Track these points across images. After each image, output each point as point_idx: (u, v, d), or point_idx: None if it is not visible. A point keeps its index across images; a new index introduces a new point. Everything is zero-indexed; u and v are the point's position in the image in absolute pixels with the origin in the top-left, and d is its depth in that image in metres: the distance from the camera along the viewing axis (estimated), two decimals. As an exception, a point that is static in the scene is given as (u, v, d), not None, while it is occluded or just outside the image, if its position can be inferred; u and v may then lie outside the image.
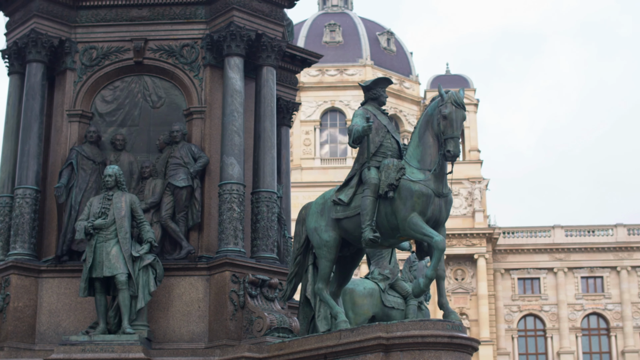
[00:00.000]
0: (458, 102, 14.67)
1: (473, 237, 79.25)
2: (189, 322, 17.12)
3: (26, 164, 17.89)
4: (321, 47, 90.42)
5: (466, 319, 78.18)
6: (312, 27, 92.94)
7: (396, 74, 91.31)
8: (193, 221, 17.70)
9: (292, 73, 21.49)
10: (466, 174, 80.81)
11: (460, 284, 79.34)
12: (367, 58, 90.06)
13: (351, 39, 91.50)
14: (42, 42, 18.32)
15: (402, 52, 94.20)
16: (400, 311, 22.05)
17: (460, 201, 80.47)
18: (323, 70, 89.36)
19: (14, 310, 17.13)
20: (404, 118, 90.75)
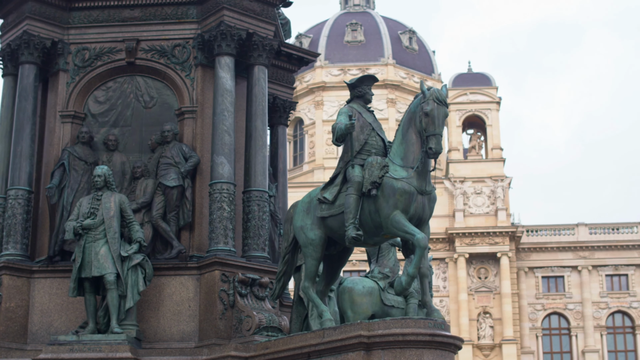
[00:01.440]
0: (440, 99, 14.61)
1: (496, 235, 78.86)
2: (180, 322, 17.14)
3: (18, 165, 17.99)
4: (343, 47, 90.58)
5: (489, 318, 77.90)
6: (334, 26, 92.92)
7: (418, 73, 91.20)
8: (184, 221, 17.73)
9: (289, 72, 21.50)
10: (489, 173, 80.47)
11: (483, 283, 79.01)
12: (389, 57, 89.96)
13: (373, 38, 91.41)
14: (34, 43, 18.40)
15: (424, 50, 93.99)
16: (400, 310, 21.95)
17: (483, 199, 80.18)
18: (345, 70, 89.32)
19: (6, 310, 17.23)
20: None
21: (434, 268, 79.65)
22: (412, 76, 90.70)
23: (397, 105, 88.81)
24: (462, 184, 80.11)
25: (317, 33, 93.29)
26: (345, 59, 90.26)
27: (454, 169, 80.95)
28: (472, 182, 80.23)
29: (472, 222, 79.44)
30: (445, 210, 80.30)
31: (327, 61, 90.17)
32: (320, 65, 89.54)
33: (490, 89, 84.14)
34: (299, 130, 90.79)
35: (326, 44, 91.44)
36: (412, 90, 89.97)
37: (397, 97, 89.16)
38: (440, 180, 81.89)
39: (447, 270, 79.60)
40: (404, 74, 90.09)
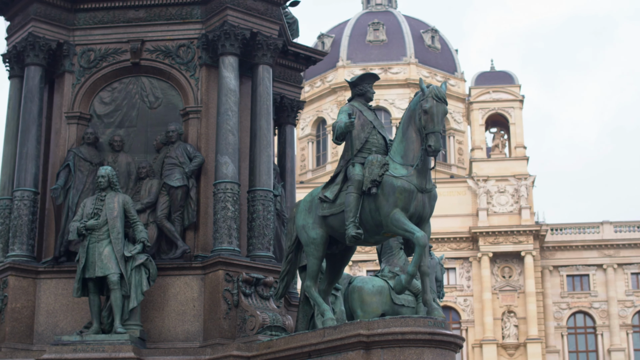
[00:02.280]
0: (439, 97, 14.52)
1: (520, 234, 78.57)
2: (184, 322, 17.15)
3: (24, 166, 18.04)
4: (365, 46, 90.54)
5: (514, 317, 77.61)
6: (356, 26, 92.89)
7: (441, 72, 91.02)
8: (189, 221, 17.72)
9: (297, 71, 21.53)
10: (512, 171, 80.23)
11: (507, 282, 78.73)
12: (411, 56, 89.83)
13: (395, 37, 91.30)
14: (39, 45, 18.46)
15: (447, 49, 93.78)
16: (411, 309, 21.87)
17: (507, 198, 79.89)
18: (367, 70, 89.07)
19: (12, 311, 17.29)
20: (450, 116, 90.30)
21: (458, 267, 79.52)
22: (434, 75, 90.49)
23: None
24: (485, 182, 79.86)
25: (339, 33, 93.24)
26: (367, 58, 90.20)
27: (477, 167, 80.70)
28: (495, 181, 79.96)
29: (495, 221, 79.16)
30: (469, 209, 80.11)
31: (349, 61, 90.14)
32: (343, 65, 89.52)
33: (513, 87, 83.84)
34: (321, 130, 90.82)
35: (348, 44, 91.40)
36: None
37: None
38: (464, 179, 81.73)
39: (470, 269, 79.37)
40: (426, 73, 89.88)
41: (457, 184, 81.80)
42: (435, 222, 72.21)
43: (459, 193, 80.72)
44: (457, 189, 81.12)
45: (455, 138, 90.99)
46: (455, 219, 79.71)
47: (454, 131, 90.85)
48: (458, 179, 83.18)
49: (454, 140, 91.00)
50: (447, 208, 79.74)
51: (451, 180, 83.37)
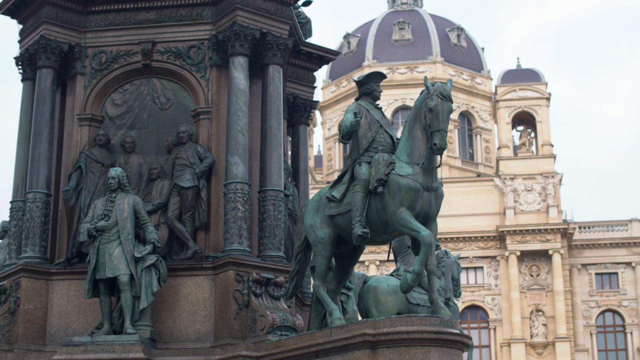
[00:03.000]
0: (444, 95, 14.50)
1: (547, 232, 78.21)
2: (195, 322, 17.18)
3: (37, 168, 18.15)
4: (391, 46, 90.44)
5: (542, 316, 77.22)
6: (382, 25, 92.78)
7: (467, 70, 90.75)
8: (200, 221, 17.75)
9: (310, 71, 21.47)
10: (539, 169, 79.88)
11: (535, 280, 78.37)
12: (437, 55, 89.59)
13: (421, 36, 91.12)
14: (51, 48, 18.56)
15: (473, 47, 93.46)
16: (426, 308, 21.79)
17: (534, 196, 79.54)
18: (393, 69, 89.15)
19: (24, 312, 17.40)
20: (476, 114, 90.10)
21: (485, 266, 79.26)
22: (460, 74, 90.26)
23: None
24: (512, 181, 79.53)
25: (365, 32, 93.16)
26: (393, 57, 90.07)
27: (504, 166, 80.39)
28: (522, 179, 79.63)
29: (523, 219, 78.83)
30: (496, 207, 79.84)
31: (375, 60, 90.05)
32: (368, 65, 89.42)
33: (539, 84, 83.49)
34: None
35: (374, 43, 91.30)
36: (461, 88, 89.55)
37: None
38: (490, 178, 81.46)
39: (498, 268, 79.07)
40: (452, 72, 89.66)
41: (484, 182, 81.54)
42: (462, 221, 72.37)
43: (486, 192, 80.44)
44: (484, 187, 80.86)
45: (482, 136, 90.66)
46: (482, 218, 79.48)
47: (480, 130, 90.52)
48: (485, 178, 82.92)
49: (481, 138, 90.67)
50: (474, 207, 79.61)
51: (478, 179, 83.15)
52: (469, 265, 78.97)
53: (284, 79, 20.67)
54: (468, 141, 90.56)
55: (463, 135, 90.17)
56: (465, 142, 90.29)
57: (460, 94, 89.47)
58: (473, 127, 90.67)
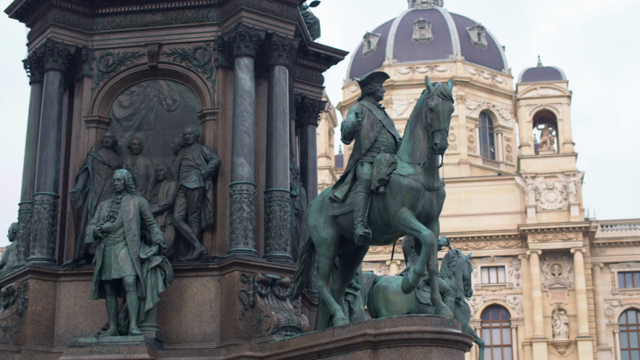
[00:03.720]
0: (445, 94, 14.48)
1: (569, 231, 77.86)
2: (201, 323, 17.23)
3: (44, 170, 18.25)
4: (411, 45, 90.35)
5: (564, 315, 76.89)
6: (402, 24, 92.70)
7: (488, 69, 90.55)
8: (206, 222, 17.80)
9: (318, 71, 21.50)
10: (561, 168, 79.51)
11: (557, 279, 78.04)
12: (458, 54, 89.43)
13: (441, 35, 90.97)
14: (58, 50, 18.66)
15: (494, 46, 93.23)
16: (436, 307, 21.83)
17: (555, 195, 79.21)
18: (413, 68, 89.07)
19: (32, 313, 17.51)
20: (497, 113, 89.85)
21: (507, 265, 79.05)
22: (481, 72, 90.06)
23: (466, 102, 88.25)
24: (533, 179, 79.25)
25: (385, 32, 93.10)
26: (413, 57, 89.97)
27: (525, 164, 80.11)
28: (543, 178, 79.32)
29: (544, 218, 78.52)
30: (517, 206, 79.58)
31: (396, 60, 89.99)
32: (389, 64, 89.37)
33: (560, 82, 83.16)
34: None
35: (394, 43, 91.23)
36: (481, 86, 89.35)
37: (467, 94, 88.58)
38: (511, 177, 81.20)
39: (520, 267, 78.82)
40: (473, 71, 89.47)
41: (505, 181, 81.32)
42: (484, 220, 72.18)
43: (507, 190, 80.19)
44: (505, 186, 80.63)
45: (503, 135, 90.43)
46: (503, 217, 79.24)
47: (501, 128, 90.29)
48: (506, 177, 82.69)
49: (502, 137, 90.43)
50: (495, 206, 79.40)
51: (499, 177, 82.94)
52: (490, 264, 78.80)
53: (292, 80, 20.72)
54: (489, 140, 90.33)
55: (484, 134, 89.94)
56: (487, 140, 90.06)
57: (481, 92, 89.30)
58: (494, 126, 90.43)
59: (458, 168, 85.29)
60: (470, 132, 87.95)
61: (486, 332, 78.00)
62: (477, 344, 23.22)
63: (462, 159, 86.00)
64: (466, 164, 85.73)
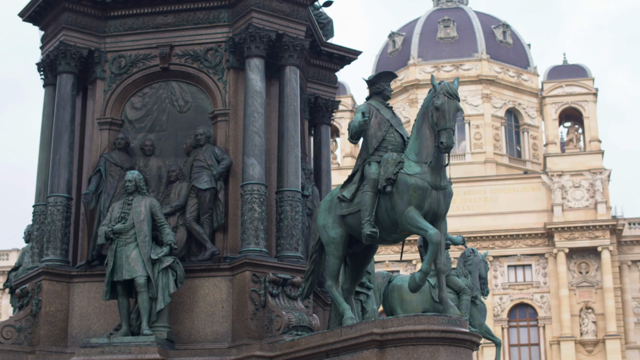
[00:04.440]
0: (450, 93, 14.46)
1: (596, 229, 77.41)
2: (213, 323, 17.30)
3: (57, 172, 18.38)
4: (436, 44, 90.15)
5: (592, 313, 76.44)
6: (427, 23, 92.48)
7: (513, 67, 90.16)
8: (217, 222, 17.87)
9: (331, 71, 21.53)
10: (587, 165, 79.08)
11: (584, 278, 77.61)
12: (483, 52, 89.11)
13: (466, 33, 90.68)
14: (71, 53, 18.77)
15: (519, 44, 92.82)
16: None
17: (582, 193, 78.79)
18: (438, 67, 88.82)
19: (46, 314, 17.63)
20: (523, 111, 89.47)
21: (534, 263, 78.74)
22: (507, 70, 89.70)
23: (492, 100, 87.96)
24: (559, 177, 78.88)
25: (410, 31, 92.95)
26: (438, 55, 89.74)
27: (552, 162, 79.76)
28: (570, 176, 78.93)
29: (571, 216, 78.12)
30: (544, 205, 79.23)
31: (420, 59, 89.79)
32: (414, 63, 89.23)
33: (586, 80, 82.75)
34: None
35: (419, 42, 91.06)
36: (507, 84, 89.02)
37: (492, 92, 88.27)
38: (537, 175, 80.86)
39: (547, 265, 78.45)
40: (498, 69, 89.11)
41: (531, 179, 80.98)
42: (510, 219, 71.94)
43: (533, 189, 79.86)
44: (531, 184, 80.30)
45: (529, 133, 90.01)
46: (530, 215, 78.92)
47: (528, 126, 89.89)
48: (532, 175, 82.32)
49: (528, 135, 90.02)
50: (522, 204, 79.10)
51: (525, 176, 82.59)
52: (517, 263, 78.52)
53: (305, 80, 20.76)
54: (515, 138, 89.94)
55: (510, 132, 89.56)
56: (513, 139, 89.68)
57: (506, 90, 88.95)
58: (520, 124, 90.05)
59: (484, 167, 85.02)
60: (496, 130, 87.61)
61: (513, 331, 77.74)
62: (494, 343, 23.14)
63: (488, 158, 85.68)
64: (492, 162, 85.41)
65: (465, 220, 78.40)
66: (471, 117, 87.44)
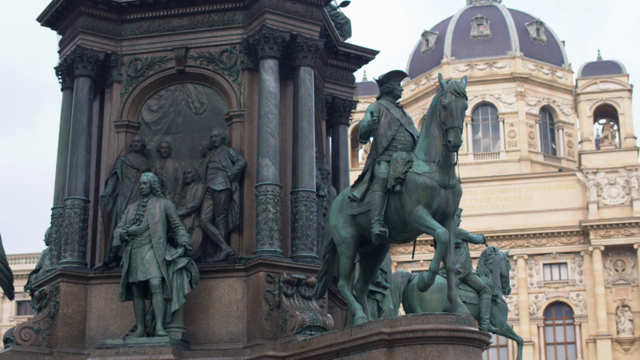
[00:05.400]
0: (458, 91, 14.45)
1: (632, 226, 76.72)
2: (229, 323, 17.39)
3: (74, 175, 18.54)
4: (469, 42, 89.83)
5: (628, 311, 75.81)
6: (460, 22, 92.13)
7: (547, 64, 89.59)
8: (233, 223, 17.96)
9: (349, 71, 21.55)
10: (622, 162, 78.45)
11: (620, 275, 76.98)
12: (516, 50, 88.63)
13: (499, 31, 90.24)
14: (87, 57, 18.93)
15: (553, 41, 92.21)
16: (472, 305, 21.78)
17: (617, 190, 78.17)
18: (472, 65, 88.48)
19: (63, 316, 17.81)
20: (558, 108, 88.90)
21: (569, 261, 78.23)
22: (541, 68, 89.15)
23: (526, 98, 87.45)
24: (595, 175, 78.29)
25: (443, 30, 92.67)
26: (471, 54, 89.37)
27: (587, 160, 79.18)
28: (605, 173, 78.33)
29: (606, 213, 77.51)
30: (579, 202, 78.68)
31: (454, 57, 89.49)
32: (447, 62, 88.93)
33: (621, 76, 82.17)
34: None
35: (452, 40, 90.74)
36: (541, 82, 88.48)
37: (526, 90, 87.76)
38: (572, 173, 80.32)
39: (582, 263, 77.88)
40: (532, 66, 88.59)
41: (566, 177, 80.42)
42: (545, 217, 71.36)
43: (568, 186, 79.33)
44: (566, 182, 79.76)
45: (564, 131, 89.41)
46: (565, 213, 78.36)
47: (562, 124, 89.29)
48: (567, 172, 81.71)
49: (563, 132, 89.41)
50: (557, 202, 78.61)
51: (560, 173, 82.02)
52: (552, 261, 78.04)
53: (323, 80, 20.81)
54: (550, 136, 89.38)
55: (545, 130, 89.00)
56: (547, 136, 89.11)
57: (540, 88, 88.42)
58: (555, 122, 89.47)
59: (519, 165, 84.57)
60: (530, 128, 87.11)
61: (549, 330, 77.29)
62: (516, 342, 23.09)
63: (522, 156, 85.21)
64: (527, 160, 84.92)
65: (500, 219, 78.09)
66: (505, 115, 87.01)
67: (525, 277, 77.66)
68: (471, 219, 77.68)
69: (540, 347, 76.11)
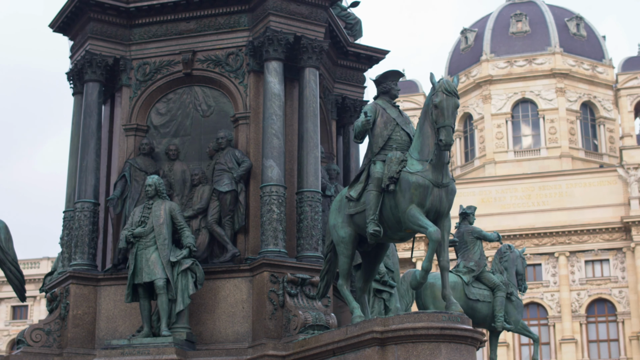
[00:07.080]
0: (449, 90, 14.50)
1: (672, 224, 75.99)
2: (234, 323, 17.58)
3: (84, 178, 18.83)
4: (508, 39, 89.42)
5: (671, 309, 75.16)
6: (498, 18, 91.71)
7: (588, 59, 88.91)
8: (238, 224, 18.14)
9: (359, 71, 21.64)
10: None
11: (663, 272, 76.25)
12: (556, 45, 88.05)
13: (538, 27, 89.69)
14: (96, 62, 19.21)
15: (593, 36, 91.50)
16: (486, 303, 21.77)
17: (653, 189, 77.53)
18: (511, 62, 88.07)
19: (73, 317, 18.09)
20: (599, 104, 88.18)
21: (611, 258, 77.58)
22: (581, 63, 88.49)
23: (566, 94, 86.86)
24: (636, 170, 77.61)
25: (482, 27, 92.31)
26: (510, 50, 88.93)
27: (628, 155, 78.51)
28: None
29: (641, 212, 76.84)
30: (620, 198, 78.01)
31: (493, 54, 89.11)
32: (486, 59, 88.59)
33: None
34: (468, 125, 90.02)
35: (491, 37, 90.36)
36: (582, 78, 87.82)
37: (567, 86, 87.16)
38: (614, 168, 79.66)
39: (625, 260, 77.22)
40: (572, 62, 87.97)
41: (607, 173, 79.76)
42: (586, 213, 70.91)
43: (610, 182, 78.66)
44: (607, 178, 79.10)
45: (605, 126, 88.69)
46: (606, 209, 77.74)
47: (603, 119, 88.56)
48: (608, 168, 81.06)
49: (604, 128, 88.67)
50: (598, 198, 78.02)
51: (600, 170, 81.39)
52: (594, 258, 77.45)
53: (332, 81, 20.94)
54: (591, 132, 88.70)
55: (586, 125, 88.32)
56: (589, 132, 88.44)
57: (581, 84, 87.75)
58: (596, 117, 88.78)
59: (559, 161, 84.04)
60: (571, 124, 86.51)
61: (592, 327, 76.70)
62: (532, 339, 23.02)
63: (563, 152, 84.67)
64: (568, 156, 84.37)
65: (541, 216, 77.64)
66: (545, 112, 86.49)
67: (567, 274, 77.16)
68: (512, 217, 77.55)
69: (583, 344, 75.57)
